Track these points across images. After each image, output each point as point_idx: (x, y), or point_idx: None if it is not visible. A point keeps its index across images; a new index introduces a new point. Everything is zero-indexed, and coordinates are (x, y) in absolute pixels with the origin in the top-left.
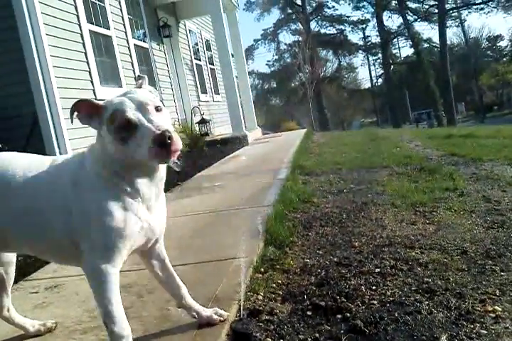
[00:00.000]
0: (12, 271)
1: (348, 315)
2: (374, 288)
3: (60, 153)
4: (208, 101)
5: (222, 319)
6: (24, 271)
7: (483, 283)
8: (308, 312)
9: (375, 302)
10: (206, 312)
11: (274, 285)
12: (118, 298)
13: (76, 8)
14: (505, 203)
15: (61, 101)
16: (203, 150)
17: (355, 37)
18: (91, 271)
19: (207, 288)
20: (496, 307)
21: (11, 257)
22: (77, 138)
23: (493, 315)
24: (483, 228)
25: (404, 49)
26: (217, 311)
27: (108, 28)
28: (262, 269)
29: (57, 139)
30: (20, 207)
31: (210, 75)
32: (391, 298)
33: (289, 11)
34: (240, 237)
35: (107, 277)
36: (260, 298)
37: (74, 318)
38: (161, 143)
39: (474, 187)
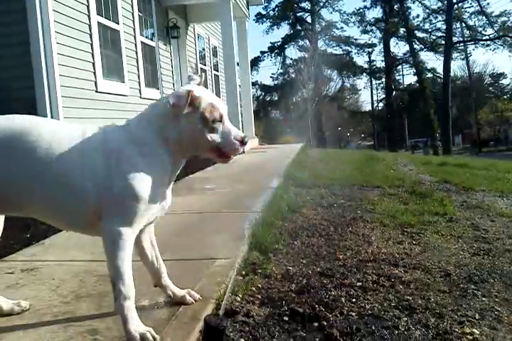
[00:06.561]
0: None
1: (325, 323)
2: (354, 300)
3: None
4: None
5: (194, 300)
6: (3, 252)
7: (464, 306)
8: (285, 318)
9: (354, 314)
10: (181, 292)
11: (254, 288)
12: (130, 262)
13: None
14: (492, 232)
15: (61, 89)
16: None
17: (360, 59)
18: (110, 232)
19: (185, 285)
20: (474, 330)
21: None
22: None
23: (470, 337)
24: (468, 254)
25: (407, 76)
26: (190, 292)
27: (117, 22)
28: (244, 272)
29: None
30: (48, 171)
31: (213, 81)
32: (370, 312)
33: (298, 27)
34: (226, 239)
35: (125, 240)
36: (238, 299)
37: (46, 302)
38: (244, 142)
39: (464, 214)
